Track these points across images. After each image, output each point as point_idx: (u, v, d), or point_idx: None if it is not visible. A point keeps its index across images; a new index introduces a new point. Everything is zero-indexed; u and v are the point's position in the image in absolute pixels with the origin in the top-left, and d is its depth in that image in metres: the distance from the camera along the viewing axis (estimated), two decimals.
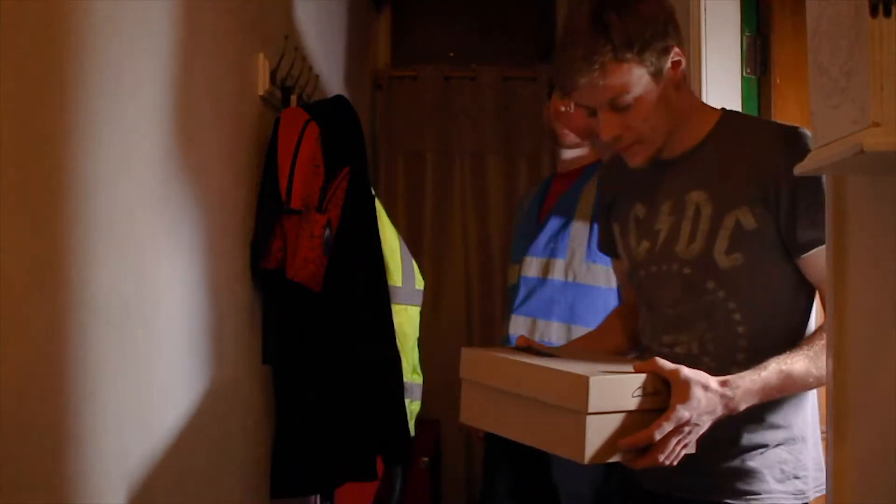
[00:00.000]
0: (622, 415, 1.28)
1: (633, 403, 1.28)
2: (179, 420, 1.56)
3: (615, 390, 1.28)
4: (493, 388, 1.39)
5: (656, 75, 1.41)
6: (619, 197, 1.60)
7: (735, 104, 2.14)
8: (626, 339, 1.67)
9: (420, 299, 2.61)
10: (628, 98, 1.40)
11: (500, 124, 4.06)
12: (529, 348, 1.47)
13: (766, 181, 1.40)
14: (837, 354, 1.47)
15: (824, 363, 1.30)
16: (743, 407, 1.33)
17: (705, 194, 1.46)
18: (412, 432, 2.41)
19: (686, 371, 1.29)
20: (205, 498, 1.67)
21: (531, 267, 2.42)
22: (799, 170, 1.41)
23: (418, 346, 2.55)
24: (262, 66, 2.02)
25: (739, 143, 1.45)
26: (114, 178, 1.31)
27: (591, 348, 1.67)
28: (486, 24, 4.17)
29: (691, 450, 1.31)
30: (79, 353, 1.21)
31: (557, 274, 2.45)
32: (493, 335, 3.80)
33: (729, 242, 1.43)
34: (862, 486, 1.38)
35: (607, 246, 1.70)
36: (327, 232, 1.97)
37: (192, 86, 1.61)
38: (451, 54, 4.16)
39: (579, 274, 2.39)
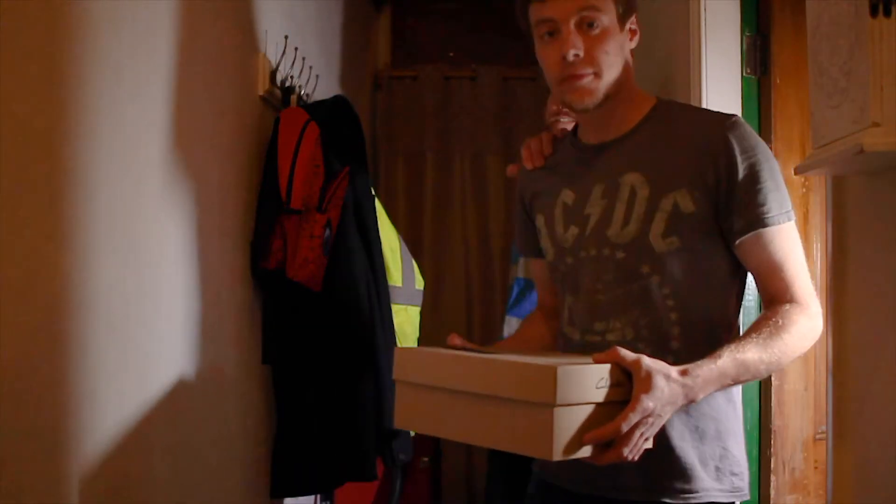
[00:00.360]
0: (588, 407, 1.22)
1: (598, 395, 1.22)
2: (180, 420, 1.56)
3: (581, 381, 1.21)
4: (433, 388, 1.30)
5: (620, 22, 1.42)
6: (541, 192, 1.58)
7: (735, 104, 2.14)
8: (553, 337, 1.64)
9: (420, 299, 2.61)
10: (598, 17, 1.40)
11: (500, 124, 4.06)
12: (464, 347, 1.40)
13: (706, 164, 1.38)
14: (837, 354, 1.47)
15: (774, 349, 1.31)
16: (701, 396, 1.30)
17: (642, 176, 1.42)
18: (412, 432, 2.41)
19: (647, 361, 1.25)
20: (205, 497, 1.67)
21: (523, 268, 2.42)
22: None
23: (418, 346, 2.55)
24: (262, 66, 2.02)
25: (677, 127, 1.43)
26: (114, 178, 1.31)
27: (526, 339, 1.61)
28: (486, 24, 4.16)
29: (649, 444, 1.27)
30: (79, 353, 1.21)
31: None
32: (493, 335, 3.80)
33: (665, 225, 1.40)
34: (862, 486, 1.38)
35: (525, 246, 1.67)
36: (327, 232, 1.97)
37: (192, 86, 1.61)
38: (451, 54, 4.15)
39: None
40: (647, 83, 1.90)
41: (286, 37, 2.16)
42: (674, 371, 1.27)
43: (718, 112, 1.47)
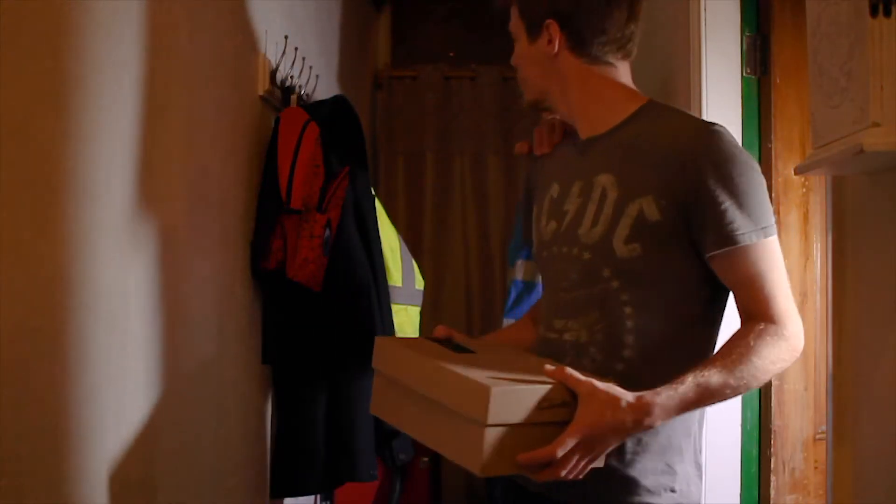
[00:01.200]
0: (524, 427, 1.19)
1: (539, 415, 1.19)
2: (180, 420, 1.56)
3: (519, 402, 1.19)
4: (400, 383, 1.30)
5: (530, 37, 1.49)
6: (539, 181, 1.59)
7: (735, 104, 2.13)
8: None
9: (420, 299, 2.61)
10: (516, 37, 1.52)
11: (500, 124, 4.06)
12: (448, 339, 1.39)
13: (677, 173, 1.34)
14: (837, 354, 1.47)
15: (743, 374, 1.27)
16: (660, 423, 1.27)
17: (613, 178, 1.41)
18: None
19: (597, 386, 1.23)
20: (205, 497, 1.67)
21: (521, 270, 2.42)
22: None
23: None
24: (262, 66, 2.02)
25: (657, 131, 1.40)
26: (114, 179, 1.31)
27: (512, 339, 1.60)
28: (486, 24, 4.16)
29: (599, 464, 1.26)
30: (79, 353, 1.21)
31: None
32: None
33: (629, 231, 1.37)
34: (862, 486, 1.38)
35: (528, 237, 1.65)
36: (327, 232, 1.97)
37: (193, 85, 1.61)
38: (451, 54, 4.15)
39: None
40: (647, 83, 1.90)
41: (286, 37, 2.16)
42: (626, 399, 1.24)
43: (701, 121, 1.43)
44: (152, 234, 1.45)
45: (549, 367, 1.25)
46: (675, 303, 1.37)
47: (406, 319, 2.48)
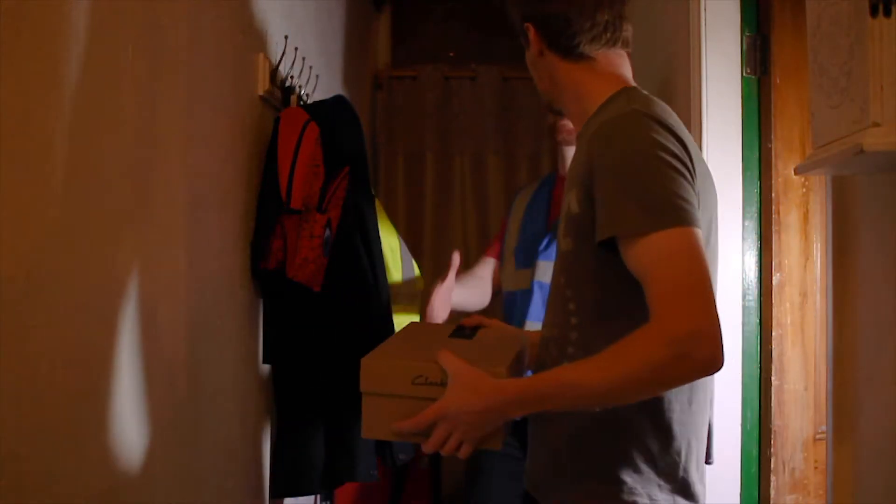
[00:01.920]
0: (401, 399, 1.33)
1: (414, 390, 1.33)
2: (180, 420, 1.56)
3: (390, 375, 1.35)
4: (385, 394, 1.39)
5: (524, 42, 1.52)
6: None
7: (735, 104, 2.14)
8: None
9: (420, 299, 2.61)
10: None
11: (500, 124, 4.06)
12: (461, 326, 1.57)
13: (585, 166, 1.32)
14: (837, 354, 1.46)
15: (607, 375, 1.19)
16: (515, 414, 1.29)
17: (568, 178, 1.42)
18: None
19: (463, 369, 1.30)
20: (205, 497, 1.67)
21: (547, 272, 2.41)
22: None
23: None
24: (262, 66, 2.02)
25: (597, 122, 1.37)
26: (114, 179, 1.31)
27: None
28: (486, 24, 4.16)
29: (469, 446, 1.31)
30: (78, 353, 1.21)
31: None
32: None
33: (564, 225, 1.38)
34: (862, 486, 1.38)
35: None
36: (327, 232, 1.97)
37: (193, 86, 1.61)
38: (451, 54, 4.16)
39: None
40: (648, 83, 1.90)
41: (286, 37, 2.16)
42: (485, 385, 1.28)
43: (626, 107, 1.35)
44: (152, 234, 1.45)
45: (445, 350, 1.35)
46: (608, 297, 1.33)
47: (406, 320, 2.48)
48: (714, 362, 1.17)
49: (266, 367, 2.06)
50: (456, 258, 2.26)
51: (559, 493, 1.40)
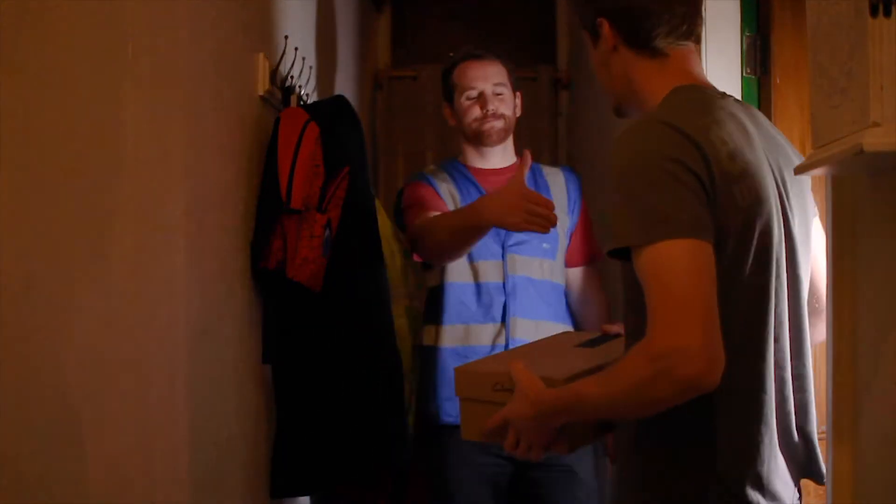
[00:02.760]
0: (488, 404, 1.45)
1: (496, 396, 1.44)
2: (180, 420, 1.56)
3: (476, 382, 1.50)
4: (481, 400, 1.52)
5: (593, 41, 1.49)
6: None
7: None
8: None
9: (420, 300, 2.61)
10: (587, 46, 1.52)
11: None
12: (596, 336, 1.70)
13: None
14: (837, 354, 1.46)
15: (607, 389, 1.23)
16: (556, 422, 1.37)
17: None
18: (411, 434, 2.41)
19: (522, 377, 1.38)
20: (205, 498, 1.67)
21: (528, 266, 2.40)
22: (798, 170, 1.41)
23: (412, 346, 2.54)
24: (262, 66, 2.02)
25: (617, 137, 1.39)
26: (113, 179, 1.31)
27: None
28: (486, 24, 4.16)
29: (538, 450, 1.40)
30: (78, 353, 1.21)
31: (556, 276, 2.44)
32: None
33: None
34: (862, 486, 1.38)
35: None
36: (327, 232, 1.97)
37: (193, 86, 1.61)
38: (451, 54, 4.16)
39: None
40: None
41: (286, 37, 2.16)
42: (535, 393, 1.37)
43: (647, 115, 1.38)
44: (152, 234, 1.45)
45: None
46: (639, 306, 1.29)
47: (405, 321, 2.48)
48: (699, 381, 1.15)
49: (266, 367, 2.06)
50: (528, 157, 2.13)
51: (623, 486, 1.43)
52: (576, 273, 2.50)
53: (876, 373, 1.36)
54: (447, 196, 2.41)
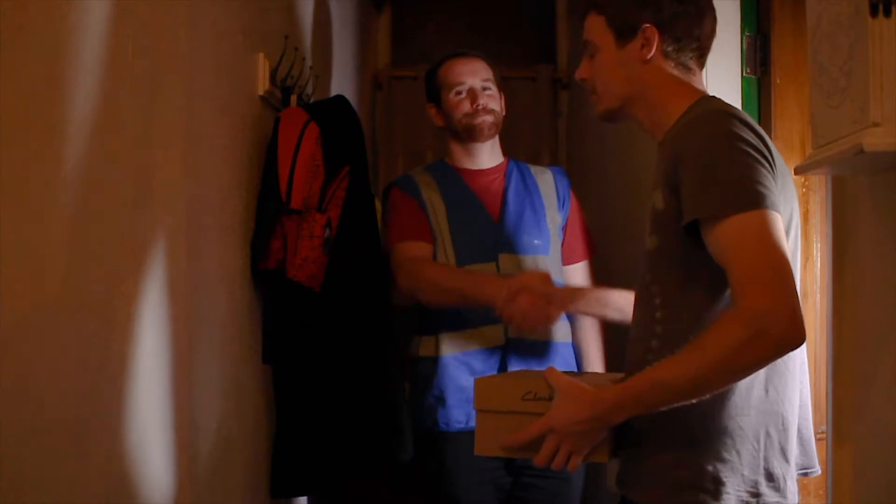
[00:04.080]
0: (512, 415, 1.39)
1: (524, 406, 1.38)
2: (179, 420, 1.56)
3: (501, 392, 1.43)
4: (499, 411, 1.46)
5: (620, 41, 1.49)
6: None
7: (735, 104, 2.13)
8: None
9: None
10: (592, 47, 1.53)
11: None
12: None
13: (670, 161, 1.37)
14: (837, 354, 1.47)
15: (693, 365, 1.25)
16: (618, 419, 1.34)
17: (653, 180, 1.46)
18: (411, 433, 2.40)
19: (569, 382, 1.36)
20: (205, 498, 1.67)
21: (519, 265, 2.39)
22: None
23: None
24: (262, 66, 2.02)
25: (682, 125, 1.43)
26: (113, 178, 1.31)
27: None
28: (486, 24, 4.16)
29: (577, 458, 1.37)
30: (78, 353, 1.21)
31: (552, 272, 2.44)
32: None
33: (650, 224, 1.43)
34: (862, 486, 1.39)
35: None
36: (327, 232, 1.97)
37: (193, 86, 1.61)
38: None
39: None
40: None
41: (286, 37, 2.16)
42: (588, 394, 1.34)
43: (714, 108, 1.43)
44: (152, 234, 1.45)
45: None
46: (694, 287, 1.37)
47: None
48: (794, 339, 1.23)
49: (266, 367, 2.06)
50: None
51: (645, 479, 1.42)
52: (573, 270, 2.49)
53: (876, 373, 1.36)
54: (429, 207, 2.38)
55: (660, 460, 1.38)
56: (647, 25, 1.47)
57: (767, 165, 1.31)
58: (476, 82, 2.40)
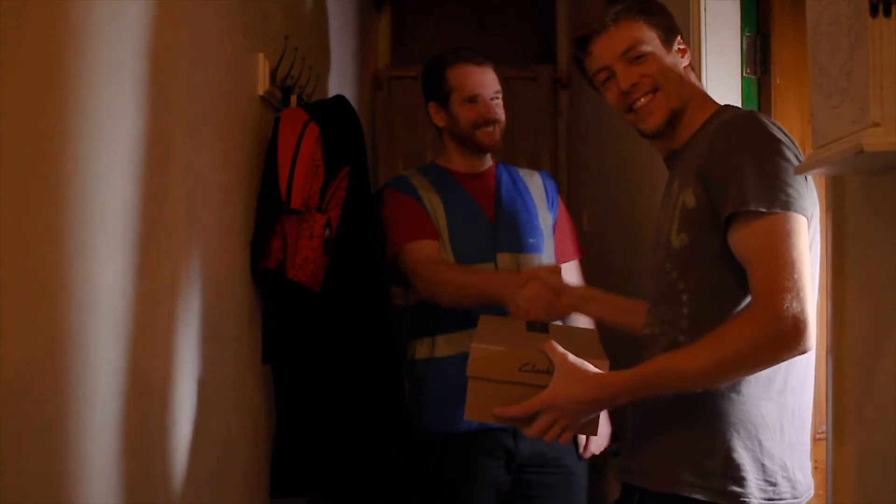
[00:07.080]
0: (507, 385, 1.41)
1: (521, 377, 1.40)
2: (180, 420, 1.56)
3: (498, 361, 1.42)
4: (489, 379, 1.47)
5: (666, 43, 1.53)
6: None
7: (735, 104, 2.14)
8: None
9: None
10: (642, 48, 1.51)
11: None
12: (535, 322, 1.65)
13: (705, 159, 1.41)
14: (837, 354, 1.47)
15: (707, 358, 1.31)
16: (622, 402, 1.40)
17: (680, 177, 1.50)
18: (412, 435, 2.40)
19: (569, 359, 1.38)
20: (205, 498, 1.67)
21: (519, 262, 2.40)
22: (798, 170, 1.41)
23: None
24: (262, 66, 2.02)
25: (712, 127, 1.48)
26: (113, 178, 1.31)
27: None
28: (486, 24, 4.16)
29: (571, 433, 1.40)
30: (79, 353, 1.21)
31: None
32: None
33: (678, 222, 1.45)
34: (862, 486, 1.39)
35: None
36: (327, 232, 1.97)
37: (193, 86, 1.61)
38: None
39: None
40: None
41: (286, 37, 2.16)
42: (592, 374, 1.38)
43: (741, 111, 1.52)
44: (152, 234, 1.45)
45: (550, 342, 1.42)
46: (724, 287, 1.40)
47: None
48: (805, 347, 1.29)
49: (266, 367, 2.06)
50: None
51: (668, 470, 1.44)
52: (566, 269, 2.50)
53: (876, 373, 1.36)
54: (429, 207, 2.39)
55: (684, 449, 1.41)
56: (679, 34, 1.55)
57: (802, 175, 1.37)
58: (489, 93, 2.41)
